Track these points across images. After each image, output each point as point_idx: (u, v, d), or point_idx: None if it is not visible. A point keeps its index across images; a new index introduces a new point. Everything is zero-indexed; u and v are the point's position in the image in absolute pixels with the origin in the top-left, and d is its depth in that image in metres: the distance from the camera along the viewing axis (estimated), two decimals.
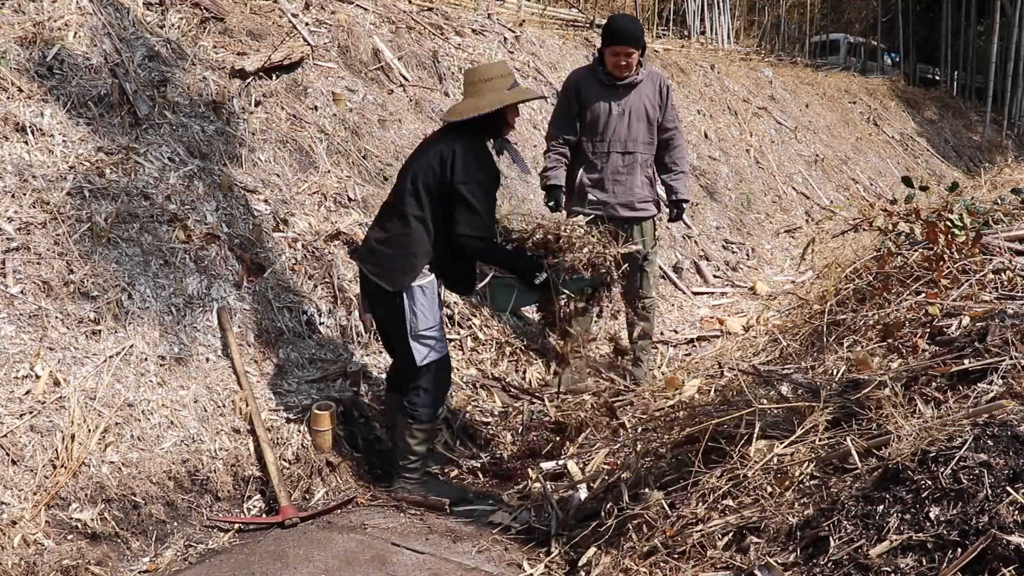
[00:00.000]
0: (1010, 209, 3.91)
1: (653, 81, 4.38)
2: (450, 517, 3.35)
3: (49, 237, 3.41)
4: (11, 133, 3.58)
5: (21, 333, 3.17)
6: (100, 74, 4.01)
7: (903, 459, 2.08)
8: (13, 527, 2.78)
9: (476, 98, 3.32)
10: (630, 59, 4.22)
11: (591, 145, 4.39)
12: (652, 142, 4.41)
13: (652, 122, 4.37)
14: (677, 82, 9.44)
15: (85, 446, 3.06)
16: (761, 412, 2.64)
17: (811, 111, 12.35)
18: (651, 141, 4.40)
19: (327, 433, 3.57)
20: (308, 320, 4.07)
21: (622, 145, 4.34)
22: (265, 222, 4.19)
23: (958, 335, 2.66)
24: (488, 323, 4.79)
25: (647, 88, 4.35)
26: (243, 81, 4.67)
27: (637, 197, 4.36)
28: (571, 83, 4.47)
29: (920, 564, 1.85)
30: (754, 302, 6.45)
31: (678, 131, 4.48)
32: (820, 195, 10.22)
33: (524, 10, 8.69)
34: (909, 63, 18.33)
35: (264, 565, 2.92)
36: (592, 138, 4.38)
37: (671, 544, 2.43)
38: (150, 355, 3.42)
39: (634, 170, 4.36)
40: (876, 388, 2.48)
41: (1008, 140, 16.83)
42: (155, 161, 3.93)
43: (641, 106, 4.33)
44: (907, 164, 13.31)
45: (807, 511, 2.21)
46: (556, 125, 4.48)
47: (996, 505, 1.85)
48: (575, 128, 4.41)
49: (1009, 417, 2.08)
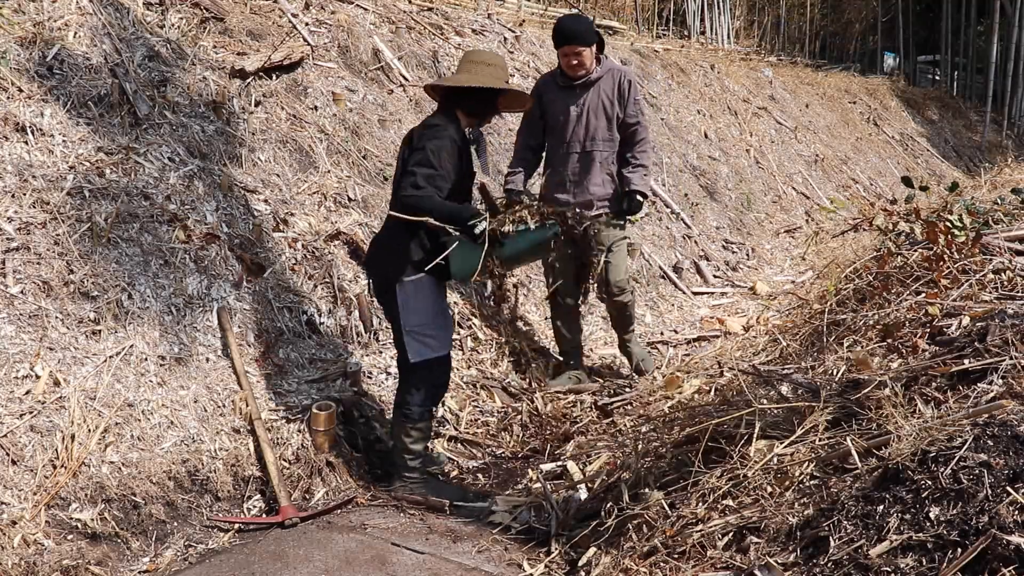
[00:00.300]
0: (1010, 209, 3.91)
1: (613, 77, 4.35)
2: (450, 517, 3.35)
3: (49, 237, 3.41)
4: (11, 133, 3.58)
5: (21, 333, 3.17)
6: (100, 74, 4.01)
7: (903, 459, 2.08)
8: (13, 527, 2.78)
9: (470, 75, 3.31)
10: (581, 57, 4.22)
11: (553, 148, 4.45)
12: (612, 139, 4.38)
13: (612, 118, 4.35)
14: (677, 82, 9.44)
15: (85, 446, 3.06)
16: (761, 412, 2.64)
17: (811, 111, 12.35)
18: (611, 138, 4.38)
19: (327, 433, 3.57)
20: (308, 320, 4.07)
21: (580, 145, 4.37)
22: (265, 222, 4.19)
23: (958, 335, 2.66)
24: (488, 323, 4.79)
25: (606, 84, 4.33)
26: (243, 81, 4.67)
27: (596, 196, 4.36)
28: (535, 90, 4.51)
29: (920, 564, 1.85)
30: (754, 302, 6.45)
31: (641, 126, 4.41)
32: (820, 195, 10.22)
33: (524, 10, 8.69)
34: (909, 63, 18.33)
35: (264, 565, 2.92)
36: (554, 142, 4.43)
37: (671, 544, 2.43)
38: (150, 355, 3.42)
39: (592, 169, 4.36)
40: (876, 388, 2.48)
41: (1008, 140, 16.83)
42: (155, 161, 3.93)
43: (599, 103, 4.32)
44: (907, 164, 13.32)
45: (807, 511, 2.21)
46: (521, 132, 4.58)
47: (996, 505, 1.85)
48: (538, 134, 4.48)
49: (1009, 417, 2.08)
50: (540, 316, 5.26)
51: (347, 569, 2.94)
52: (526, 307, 5.26)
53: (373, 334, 4.23)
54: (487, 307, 4.89)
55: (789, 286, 6.82)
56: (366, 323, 4.23)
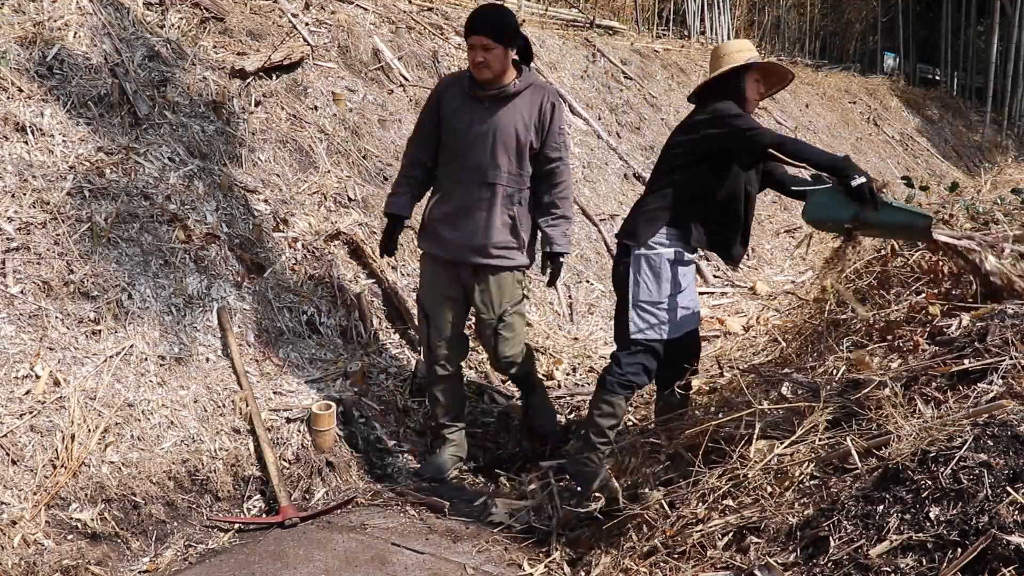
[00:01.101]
0: (1010, 209, 3.90)
1: (534, 96, 3.43)
2: (450, 517, 3.35)
3: (49, 237, 3.41)
4: (11, 133, 3.58)
5: (21, 333, 3.17)
6: (100, 74, 4.01)
7: (903, 459, 2.08)
8: (13, 527, 2.78)
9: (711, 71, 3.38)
10: (488, 55, 3.30)
11: (447, 170, 3.51)
12: (522, 173, 3.45)
13: (524, 147, 3.41)
14: (677, 82, 9.44)
15: (85, 446, 3.06)
16: (761, 412, 2.64)
17: (811, 111, 12.35)
18: (521, 172, 3.44)
19: (327, 433, 3.57)
20: (308, 320, 4.07)
21: (480, 173, 3.42)
22: (265, 222, 4.19)
23: (958, 335, 2.67)
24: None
25: (524, 104, 3.41)
26: (243, 81, 4.67)
27: (493, 241, 3.43)
28: (436, 89, 3.61)
29: (920, 564, 1.85)
30: (754, 302, 6.45)
31: (563, 163, 3.50)
32: None
33: (524, 10, 8.69)
34: (909, 63, 18.34)
35: (264, 565, 2.92)
36: (449, 161, 3.50)
37: (671, 544, 2.44)
38: (150, 355, 3.42)
39: (493, 207, 3.42)
40: (876, 388, 2.48)
41: (1008, 140, 16.82)
42: (155, 161, 3.93)
43: (511, 127, 3.39)
44: (907, 164, 13.31)
45: (807, 511, 2.21)
46: (411, 141, 3.66)
47: (996, 505, 1.85)
48: (432, 146, 3.55)
49: (1009, 417, 2.08)
50: (540, 316, 5.26)
51: (347, 569, 2.94)
52: (526, 307, 5.26)
53: (373, 334, 4.23)
54: None
55: (789, 286, 6.82)
56: (366, 323, 4.23)
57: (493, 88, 3.40)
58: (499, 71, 3.37)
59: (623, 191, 7.11)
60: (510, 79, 3.41)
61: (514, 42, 3.38)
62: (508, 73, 3.40)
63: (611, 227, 6.60)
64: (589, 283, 5.96)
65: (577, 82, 7.65)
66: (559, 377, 4.71)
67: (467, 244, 3.45)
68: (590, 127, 7.32)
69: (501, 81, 3.39)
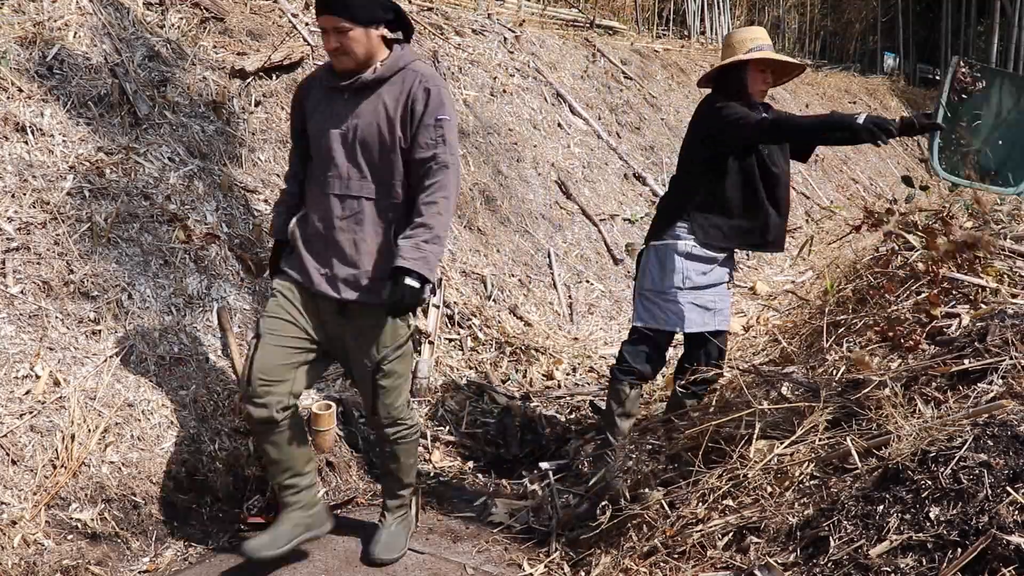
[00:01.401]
0: (1010, 209, 3.90)
1: (405, 82, 2.71)
2: (450, 517, 3.36)
3: (49, 237, 3.41)
4: (11, 133, 3.58)
5: (21, 333, 3.18)
6: (100, 74, 4.01)
7: (903, 459, 2.08)
8: (13, 527, 2.78)
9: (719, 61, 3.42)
10: (344, 39, 2.61)
11: (309, 182, 2.85)
12: (394, 182, 2.72)
13: (391, 149, 2.70)
14: (677, 82, 9.44)
15: (85, 446, 3.06)
16: (761, 412, 2.64)
17: (811, 111, 12.35)
18: (392, 181, 2.72)
19: (327, 433, 3.57)
20: None
21: (342, 184, 2.73)
22: (265, 222, 4.19)
23: (958, 335, 2.67)
24: (488, 323, 4.79)
25: (391, 93, 2.70)
26: (243, 81, 4.67)
27: (364, 269, 2.73)
28: (299, 87, 2.93)
29: (920, 564, 1.85)
30: (754, 302, 6.45)
31: (437, 162, 2.67)
32: (820, 195, 10.22)
33: (524, 10, 8.69)
34: (909, 63, 18.34)
35: (264, 565, 2.92)
36: (311, 171, 2.83)
37: (671, 544, 2.44)
38: (150, 355, 3.42)
39: (361, 226, 2.73)
40: (876, 388, 2.48)
41: None
42: (155, 161, 3.93)
43: (373, 124, 2.69)
44: (907, 164, 13.32)
45: (807, 511, 2.21)
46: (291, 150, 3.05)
47: (996, 505, 1.85)
48: (304, 154, 2.89)
49: (1009, 417, 2.08)
50: (540, 316, 5.26)
51: (347, 569, 2.94)
52: (526, 307, 5.27)
53: None
54: (488, 307, 4.89)
55: (789, 286, 6.82)
56: None
57: (351, 77, 2.70)
58: (363, 57, 2.67)
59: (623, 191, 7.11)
60: (373, 63, 2.71)
61: (377, 17, 2.67)
62: (377, 57, 2.72)
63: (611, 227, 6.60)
64: (589, 283, 5.96)
65: (577, 82, 7.66)
66: (559, 377, 4.71)
67: (332, 275, 2.74)
68: (590, 127, 7.32)
69: (357, 65, 2.69)
